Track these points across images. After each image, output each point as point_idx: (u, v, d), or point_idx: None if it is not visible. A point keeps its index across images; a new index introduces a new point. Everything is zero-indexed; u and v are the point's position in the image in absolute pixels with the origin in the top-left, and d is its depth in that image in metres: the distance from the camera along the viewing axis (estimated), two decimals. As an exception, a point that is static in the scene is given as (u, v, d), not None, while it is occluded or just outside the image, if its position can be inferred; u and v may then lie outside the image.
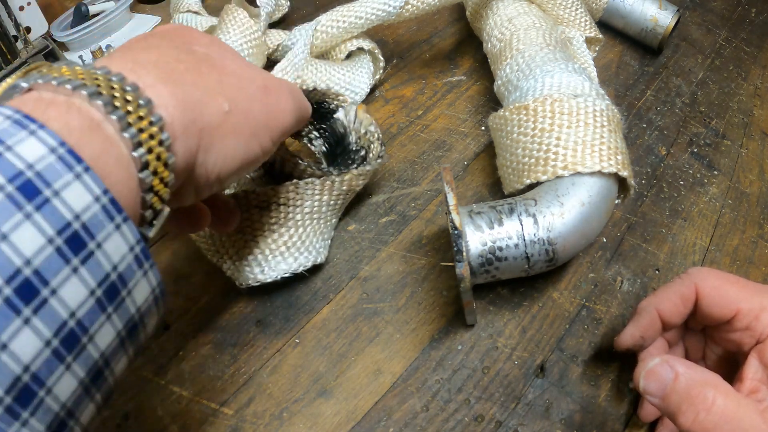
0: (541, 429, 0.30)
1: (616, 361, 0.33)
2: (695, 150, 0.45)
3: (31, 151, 0.15)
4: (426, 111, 0.47)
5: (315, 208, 0.34)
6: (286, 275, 0.34)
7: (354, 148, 0.38)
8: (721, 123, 0.48)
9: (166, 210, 0.21)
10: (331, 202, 0.35)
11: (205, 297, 0.36)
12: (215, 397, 0.32)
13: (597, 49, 0.49)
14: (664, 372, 0.24)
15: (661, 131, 0.46)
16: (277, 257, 0.34)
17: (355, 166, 0.38)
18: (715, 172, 0.44)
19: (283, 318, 0.35)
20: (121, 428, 0.31)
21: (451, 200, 0.29)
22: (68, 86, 0.18)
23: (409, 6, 0.43)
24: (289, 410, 0.31)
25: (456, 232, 0.28)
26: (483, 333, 0.34)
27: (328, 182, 0.34)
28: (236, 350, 0.34)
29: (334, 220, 0.37)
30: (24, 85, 0.18)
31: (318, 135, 0.41)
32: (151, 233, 0.20)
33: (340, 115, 0.39)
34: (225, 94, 0.23)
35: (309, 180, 0.33)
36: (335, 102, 0.39)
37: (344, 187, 0.35)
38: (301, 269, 0.34)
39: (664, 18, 0.50)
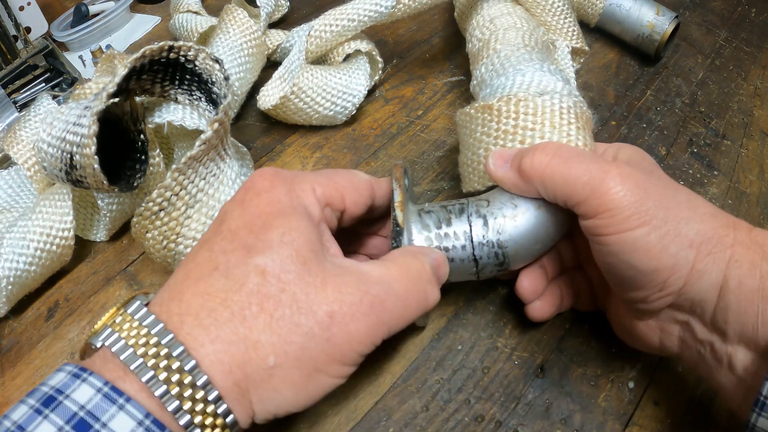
0: (541, 429, 0.30)
1: (616, 361, 0.33)
2: (695, 150, 0.45)
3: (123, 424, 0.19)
4: (426, 111, 0.47)
5: (208, 172, 0.34)
6: None
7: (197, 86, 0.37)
8: (721, 123, 0.48)
9: None
10: (215, 154, 0.34)
11: (205, 297, 0.36)
12: (215, 397, 0.32)
13: (582, 60, 0.47)
14: None
15: (661, 131, 0.46)
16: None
17: (203, 98, 0.38)
18: (715, 172, 0.44)
19: (283, 318, 0.35)
20: (120, 428, 0.31)
21: (397, 197, 0.29)
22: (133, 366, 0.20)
23: (401, 5, 0.42)
24: (289, 410, 0.31)
25: (397, 228, 0.28)
26: (483, 333, 0.34)
27: (199, 145, 0.32)
28: (236, 350, 0.34)
29: (229, 161, 0.36)
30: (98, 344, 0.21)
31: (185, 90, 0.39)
32: None
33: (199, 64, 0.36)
34: (273, 341, 0.22)
35: (185, 157, 0.32)
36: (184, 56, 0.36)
37: (211, 133, 0.33)
38: None
39: (661, 24, 0.49)
